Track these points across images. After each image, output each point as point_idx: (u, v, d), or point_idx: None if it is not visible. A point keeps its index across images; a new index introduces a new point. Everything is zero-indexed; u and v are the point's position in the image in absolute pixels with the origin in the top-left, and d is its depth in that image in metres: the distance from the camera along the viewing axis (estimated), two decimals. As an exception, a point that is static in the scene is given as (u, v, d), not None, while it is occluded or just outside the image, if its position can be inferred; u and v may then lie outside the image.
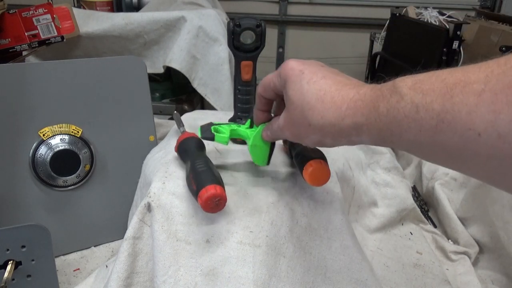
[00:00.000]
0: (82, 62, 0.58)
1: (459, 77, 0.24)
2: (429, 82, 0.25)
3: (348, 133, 0.32)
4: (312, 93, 0.33)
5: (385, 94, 0.28)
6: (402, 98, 0.27)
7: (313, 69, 0.35)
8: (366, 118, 0.30)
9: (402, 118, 0.27)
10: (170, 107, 1.19)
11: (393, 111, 0.27)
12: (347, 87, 0.32)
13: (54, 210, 0.60)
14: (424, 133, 0.25)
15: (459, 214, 0.66)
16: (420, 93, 0.26)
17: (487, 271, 0.60)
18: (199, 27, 1.03)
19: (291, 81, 0.35)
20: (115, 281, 0.42)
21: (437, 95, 0.24)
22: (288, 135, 0.38)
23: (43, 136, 0.57)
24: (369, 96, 0.30)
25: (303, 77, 0.34)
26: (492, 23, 1.59)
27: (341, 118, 0.31)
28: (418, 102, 0.25)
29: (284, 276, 0.40)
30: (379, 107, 0.28)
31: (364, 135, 0.31)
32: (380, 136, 0.29)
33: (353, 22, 2.28)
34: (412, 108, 0.26)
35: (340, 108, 0.31)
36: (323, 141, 0.34)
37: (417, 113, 0.25)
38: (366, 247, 0.60)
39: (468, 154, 0.23)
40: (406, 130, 0.26)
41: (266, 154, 0.46)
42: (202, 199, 0.38)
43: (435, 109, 0.24)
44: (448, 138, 0.24)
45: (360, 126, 0.30)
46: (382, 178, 0.68)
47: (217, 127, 0.46)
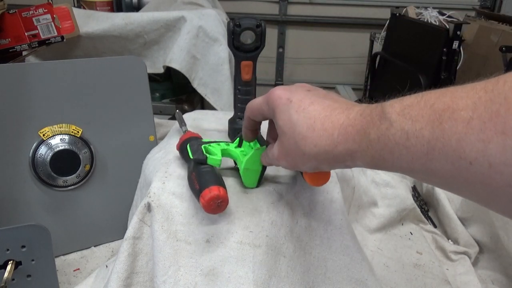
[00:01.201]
0: (82, 62, 0.58)
1: (448, 102, 0.23)
2: (418, 108, 0.25)
3: (342, 159, 0.31)
4: (302, 122, 0.33)
5: (375, 120, 0.28)
6: (391, 124, 0.26)
7: (300, 96, 0.35)
8: (359, 145, 0.29)
9: (394, 146, 0.26)
10: (170, 107, 1.19)
11: (384, 138, 0.27)
12: (336, 112, 0.32)
13: (54, 210, 0.60)
14: (416, 160, 0.25)
15: (459, 214, 0.66)
16: (409, 119, 0.25)
17: (487, 271, 0.60)
18: (199, 27, 1.03)
19: (279, 111, 0.35)
20: (115, 281, 0.42)
21: (426, 121, 0.24)
22: (285, 164, 0.38)
23: (43, 136, 0.57)
24: (359, 122, 0.30)
25: (291, 106, 0.34)
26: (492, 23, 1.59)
27: (334, 145, 0.31)
28: (408, 129, 0.25)
29: (284, 276, 0.40)
30: (370, 134, 0.28)
31: (358, 160, 0.30)
32: (374, 162, 0.29)
33: (353, 22, 2.29)
34: (403, 135, 0.25)
35: (332, 135, 0.31)
36: (320, 167, 0.34)
37: (407, 140, 0.25)
38: (366, 247, 0.60)
39: (462, 181, 0.23)
40: (398, 157, 0.26)
41: (257, 177, 0.46)
42: (204, 199, 0.38)
43: (425, 136, 0.24)
44: (440, 166, 0.24)
45: (353, 152, 0.30)
46: (382, 178, 0.68)
47: (208, 147, 0.46)
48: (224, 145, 0.47)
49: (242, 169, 0.45)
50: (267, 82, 2.41)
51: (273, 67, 2.44)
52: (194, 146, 0.46)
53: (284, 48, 2.40)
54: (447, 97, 0.24)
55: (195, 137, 0.50)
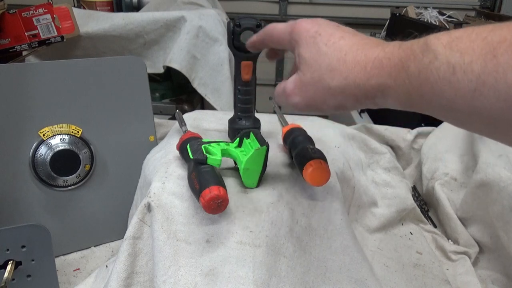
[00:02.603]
0: (82, 62, 0.58)
1: (504, 35, 0.21)
2: (468, 40, 0.23)
3: (373, 95, 0.29)
4: (332, 55, 0.31)
5: (416, 52, 0.25)
6: (436, 57, 0.24)
7: (329, 30, 0.32)
8: (394, 80, 0.27)
9: (436, 80, 0.24)
10: (170, 107, 1.19)
11: (426, 72, 0.24)
12: (369, 45, 0.30)
13: (54, 210, 0.60)
14: (460, 97, 0.23)
15: (459, 214, 0.66)
16: (457, 52, 0.23)
17: (487, 271, 0.60)
18: (199, 27, 1.03)
19: (305, 43, 0.33)
20: (115, 281, 0.42)
21: (478, 55, 0.22)
22: (299, 101, 0.34)
23: (43, 136, 0.57)
24: (397, 55, 0.27)
25: (320, 39, 0.32)
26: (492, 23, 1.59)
27: (366, 78, 0.29)
28: (455, 62, 0.23)
29: (284, 276, 0.40)
30: (409, 67, 0.26)
31: (390, 97, 0.28)
32: (408, 99, 0.27)
33: (353, 22, 2.28)
34: (448, 69, 0.23)
35: (365, 68, 0.29)
36: (344, 104, 0.32)
37: (453, 75, 0.23)
38: (366, 247, 0.60)
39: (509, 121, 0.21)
40: (439, 94, 0.24)
41: (257, 177, 0.46)
42: (205, 199, 0.38)
43: (474, 70, 0.22)
44: (489, 104, 0.22)
45: (386, 87, 0.28)
46: (382, 178, 0.68)
47: (208, 147, 0.46)
48: (224, 145, 0.47)
49: (242, 169, 0.45)
50: (267, 82, 2.41)
51: (273, 67, 2.43)
52: (194, 146, 0.46)
53: (284, 48, 2.39)
54: (503, 30, 0.22)
55: (195, 137, 0.50)
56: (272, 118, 0.66)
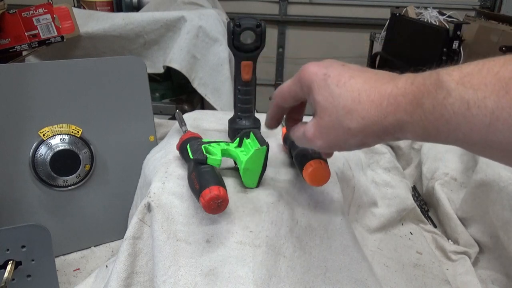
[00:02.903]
0: (82, 62, 0.58)
1: None
2: (480, 76, 0.23)
3: (392, 131, 0.29)
4: (346, 96, 0.31)
5: (430, 89, 0.26)
6: (449, 94, 0.24)
7: (337, 71, 0.33)
8: (411, 116, 0.27)
9: (451, 116, 0.24)
10: (170, 107, 1.19)
11: (440, 108, 0.25)
12: (381, 82, 0.30)
13: (54, 210, 0.60)
14: (477, 132, 0.23)
15: (459, 214, 0.66)
16: (470, 88, 0.23)
17: (487, 271, 0.60)
18: (199, 27, 1.03)
19: (317, 87, 0.33)
20: (115, 281, 0.42)
21: (491, 90, 0.22)
22: (321, 144, 0.34)
23: (43, 136, 0.57)
24: (410, 91, 0.28)
25: (331, 80, 0.32)
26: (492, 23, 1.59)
27: (383, 116, 0.29)
28: (469, 98, 0.23)
29: (284, 276, 0.40)
30: (424, 103, 0.26)
31: (408, 132, 0.28)
32: (426, 133, 0.27)
33: (353, 22, 2.28)
34: (462, 104, 0.24)
35: (381, 105, 0.29)
36: (366, 142, 0.32)
37: (468, 110, 0.23)
38: (366, 247, 0.60)
39: None
40: (455, 128, 0.24)
41: (257, 177, 0.46)
42: (205, 199, 0.38)
43: (488, 106, 0.22)
44: (503, 138, 0.22)
45: (404, 123, 0.28)
46: (382, 178, 0.68)
47: (208, 147, 0.46)
48: (224, 145, 0.47)
49: (242, 169, 0.45)
50: (267, 82, 2.41)
51: (273, 67, 2.43)
52: (194, 146, 0.46)
53: (284, 48, 2.39)
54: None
55: (195, 137, 0.50)
56: (272, 118, 0.66)
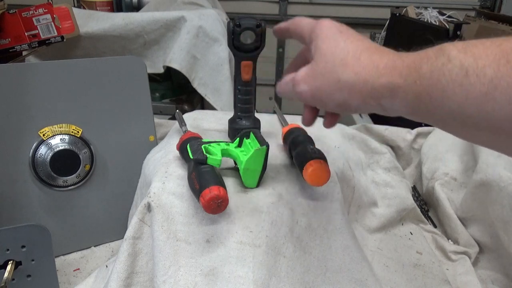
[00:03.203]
0: (82, 62, 0.58)
1: None
2: (483, 47, 0.23)
3: (380, 95, 0.29)
4: (349, 50, 0.31)
5: (430, 55, 0.26)
6: (449, 60, 0.24)
7: (351, 31, 0.34)
8: (405, 79, 0.27)
9: (447, 82, 0.24)
10: (170, 107, 1.19)
11: (438, 73, 0.25)
12: (386, 51, 0.30)
13: (54, 210, 0.60)
14: (471, 100, 0.23)
15: (459, 214, 0.66)
16: (471, 56, 0.23)
17: (487, 271, 0.60)
18: (199, 27, 1.03)
19: (326, 37, 0.33)
20: (115, 281, 0.42)
21: (492, 60, 0.22)
22: (306, 89, 0.34)
23: (43, 136, 0.57)
24: (411, 57, 0.27)
25: (341, 35, 0.33)
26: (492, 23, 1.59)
27: (377, 77, 0.29)
28: (468, 66, 0.23)
29: (284, 276, 0.40)
30: (421, 67, 0.26)
31: (398, 99, 0.28)
32: (417, 101, 0.27)
33: (353, 22, 2.28)
34: (461, 71, 0.23)
35: (377, 67, 0.29)
36: (348, 102, 0.31)
37: (465, 77, 0.23)
38: (366, 247, 0.60)
39: None
40: (450, 96, 0.24)
41: (257, 177, 0.46)
42: (205, 199, 0.38)
43: (487, 74, 0.22)
44: (499, 108, 0.22)
45: (396, 87, 0.28)
46: (382, 178, 0.68)
47: (208, 147, 0.46)
48: (224, 145, 0.47)
49: (242, 169, 0.45)
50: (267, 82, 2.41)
51: (273, 67, 2.43)
52: (194, 146, 0.46)
53: (284, 48, 2.39)
54: None
55: (195, 137, 0.50)
56: (272, 118, 0.66)
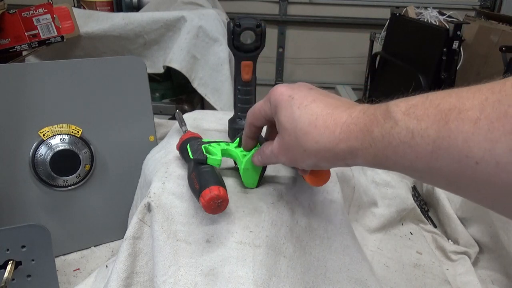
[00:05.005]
0: (82, 62, 0.58)
1: (453, 103, 0.24)
2: (423, 107, 0.25)
3: (343, 157, 0.31)
4: (304, 118, 0.33)
5: (379, 119, 0.28)
6: (396, 123, 0.26)
7: (302, 93, 0.35)
8: (361, 143, 0.29)
9: (398, 144, 0.26)
10: (170, 107, 1.19)
11: (388, 136, 0.27)
12: (338, 110, 0.32)
13: (54, 210, 0.60)
14: (421, 159, 0.25)
15: (459, 214, 0.66)
16: (414, 119, 0.25)
17: (487, 271, 0.60)
18: (199, 27, 1.03)
19: (281, 107, 0.35)
20: (115, 281, 0.42)
21: (432, 121, 0.24)
22: (284, 160, 0.38)
23: (43, 136, 0.57)
24: (362, 120, 0.30)
25: (294, 102, 0.34)
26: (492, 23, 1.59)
27: (335, 143, 0.31)
28: (413, 128, 0.25)
29: (284, 276, 0.40)
30: (373, 131, 0.28)
31: (359, 159, 0.30)
32: (375, 160, 0.29)
33: (353, 22, 2.28)
34: (407, 134, 0.26)
35: (334, 133, 0.31)
36: (319, 165, 0.34)
37: (412, 139, 0.25)
38: (366, 247, 0.60)
39: (466, 180, 0.23)
40: (402, 156, 0.26)
41: (257, 177, 0.46)
42: (205, 199, 0.38)
43: (430, 135, 0.24)
44: (445, 165, 0.24)
45: (354, 150, 0.30)
46: (382, 178, 0.68)
47: (208, 147, 0.46)
48: (224, 145, 0.47)
49: (242, 169, 0.45)
50: (267, 82, 2.41)
51: (273, 67, 2.43)
52: (194, 146, 0.46)
53: (284, 48, 2.39)
54: (452, 98, 0.24)
55: (195, 137, 0.50)
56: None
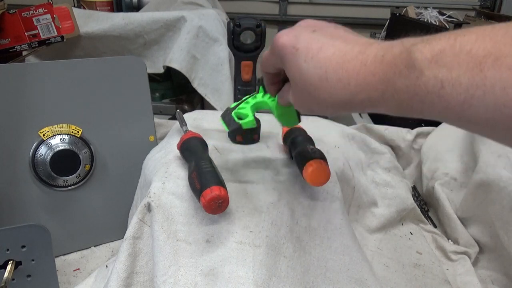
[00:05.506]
0: (82, 62, 0.58)
1: (488, 48, 0.22)
2: (452, 54, 0.23)
3: (362, 106, 0.29)
4: (313, 72, 0.31)
5: (401, 68, 0.26)
6: (422, 73, 0.24)
7: (306, 41, 0.32)
8: (382, 94, 0.27)
9: (425, 94, 0.24)
10: (170, 107, 1.19)
11: (414, 87, 0.25)
12: (348, 57, 0.29)
13: (54, 210, 0.60)
14: (451, 109, 0.24)
15: (459, 214, 0.66)
16: (443, 66, 0.23)
17: (487, 271, 0.60)
18: (199, 27, 1.03)
19: (287, 60, 0.33)
20: (115, 281, 0.42)
21: (465, 69, 0.22)
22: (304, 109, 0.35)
23: (43, 136, 0.57)
24: (380, 70, 0.27)
25: (298, 55, 0.32)
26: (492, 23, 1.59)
27: (352, 96, 0.29)
28: (443, 77, 0.23)
29: (284, 276, 0.40)
30: (396, 83, 0.26)
31: (380, 108, 0.28)
32: (399, 110, 0.27)
33: (353, 22, 2.28)
34: (436, 83, 0.24)
35: (349, 85, 0.29)
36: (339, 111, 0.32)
37: (442, 89, 0.23)
38: (366, 247, 0.60)
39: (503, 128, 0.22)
40: (430, 106, 0.25)
41: (294, 114, 0.44)
42: (205, 199, 0.38)
43: (463, 83, 0.22)
44: (479, 114, 0.22)
45: (375, 101, 0.28)
46: (382, 178, 0.68)
47: (238, 112, 0.45)
48: (252, 100, 0.46)
49: (277, 115, 0.43)
50: (267, 82, 2.40)
51: (273, 67, 2.43)
52: (226, 118, 0.45)
53: (284, 48, 2.39)
54: (486, 43, 0.22)
55: (196, 137, 0.50)
56: (272, 118, 0.66)
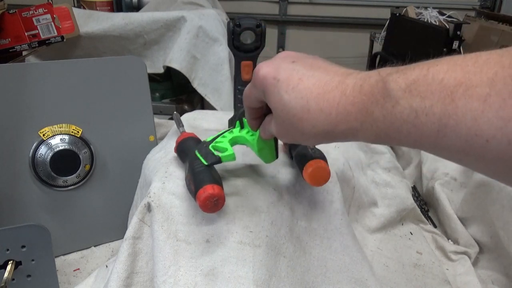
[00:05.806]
0: (82, 62, 0.58)
1: (459, 78, 0.22)
2: (425, 83, 0.24)
3: (344, 136, 0.30)
4: (295, 103, 0.31)
5: (378, 98, 0.27)
6: (397, 102, 0.25)
7: (286, 72, 0.33)
8: (361, 124, 0.28)
9: (401, 124, 0.25)
10: (170, 107, 1.19)
11: (390, 117, 0.26)
12: (329, 88, 0.30)
13: (54, 210, 0.60)
14: (426, 138, 0.24)
15: (459, 214, 0.66)
16: (417, 96, 0.24)
17: (487, 271, 0.60)
18: (199, 27, 1.03)
19: (268, 92, 0.33)
20: (115, 281, 0.42)
21: (437, 98, 0.23)
22: (285, 140, 0.36)
23: (43, 136, 0.57)
24: (359, 100, 0.28)
25: (280, 86, 0.32)
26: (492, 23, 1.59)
27: (334, 125, 0.30)
28: (417, 106, 0.24)
29: (284, 276, 0.40)
30: (374, 112, 0.27)
31: (360, 138, 0.29)
32: (378, 139, 0.28)
33: (353, 22, 2.28)
34: (411, 112, 0.24)
35: (330, 115, 0.29)
36: (322, 142, 0.33)
37: (416, 118, 0.24)
38: (366, 247, 0.60)
39: (475, 157, 0.22)
40: (406, 135, 0.25)
41: (273, 150, 0.45)
42: (200, 199, 0.38)
43: (436, 113, 0.23)
44: (452, 143, 0.23)
45: (355, 130, 0.29)
46: (382, 178, 0.68)
47: (216, 145, 0.45)
48: (228, 134, 0.46)
49: (257, 150, 0.43)
50: (267, 82, 2.40)
51: (273, 67, 2.43)
52: (203, 150, 0.45)
53: (284, 48, 2.39)
54: (457, 72, 0.23)
55: (191, 137, 0.50)
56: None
